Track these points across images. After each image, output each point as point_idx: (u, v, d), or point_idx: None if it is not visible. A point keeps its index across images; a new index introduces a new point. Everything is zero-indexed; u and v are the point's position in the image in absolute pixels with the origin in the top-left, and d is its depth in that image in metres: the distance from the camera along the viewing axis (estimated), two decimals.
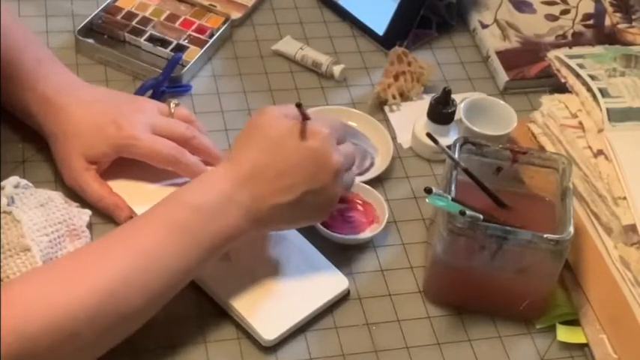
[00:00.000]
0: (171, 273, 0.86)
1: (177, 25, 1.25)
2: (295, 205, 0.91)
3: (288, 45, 1.25)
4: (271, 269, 0.98)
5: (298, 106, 0.91)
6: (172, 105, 1.07)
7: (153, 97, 1.14)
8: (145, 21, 1.25)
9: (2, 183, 0.96)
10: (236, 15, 1.29)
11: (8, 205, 0.94)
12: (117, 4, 1.26)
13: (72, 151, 1.01)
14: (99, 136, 1.01)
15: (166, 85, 1.16)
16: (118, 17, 1.25)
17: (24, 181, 0.98)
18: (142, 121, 1.02)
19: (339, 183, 0.94)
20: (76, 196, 1.02)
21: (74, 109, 1.01)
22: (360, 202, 1.07)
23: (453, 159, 0.98)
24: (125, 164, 1.03)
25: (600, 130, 1.03)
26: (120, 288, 0.82)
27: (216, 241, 0.88)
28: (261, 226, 0.91)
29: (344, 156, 0.94)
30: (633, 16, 1.33)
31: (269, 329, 0.93)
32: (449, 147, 0.99)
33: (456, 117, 1.12)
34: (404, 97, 1.20)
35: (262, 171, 0.90)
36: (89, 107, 1.02)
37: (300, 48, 1.24)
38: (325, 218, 0.97)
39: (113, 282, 0.82)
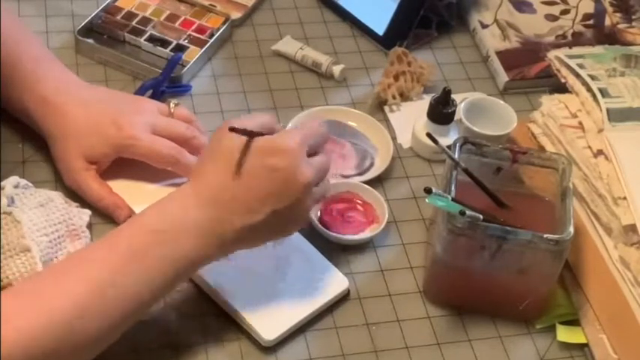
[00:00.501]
0: (132, 299, 0.83)
1: (177, 25, 1.25)
2: (263, 225, 0.87)
3: (288, 45, 1.25)
4: (271, 269, 0.98)
5: (232, 130, 0.86)
6: (172, 105, 1.07)
7: (152, 97, 1.14)
8: (145, 21, 1.25)
9: (2, 183, 0.96)
10: (236, 15, 1.29)
11: (8, 205, 0.94)
12: (117, 4, 1.26)
13: (71, 151, 1.01)
14: (99, 136, 1.01)
15: (166, 85, 1.16)
16: (118, 17, 1.25)
17: (24, 181, 0.98)
18: (142, 121, 1.02)
19: (310, 197, 0.89)
20: (76, 196, 1.02)
21: (73, 109, 1.01)
22: (360, 202, 1.07)
23: (453, 159, 0.98)
24: (125, 164, 1.03)
25: (600, 130, 1.03)
26: (78, 315, 0.79)
27: (179, 266, 0.85)
28: (228, 248, 0.88)
29: (315, 169, 0.89)
30: (633, 16, 1.33)
31: (269, 329, 0.93)
32: (449, 147, 0.99)
33: (456, 117, 1.12)
34: (404, 97, 1.20)
35: (227, 192, 0.86)
36: (89, 107, 1.02)
37: (300, 48, 1.24)
38: (296, 230, 0.93)
39: (71, 309, 0.79)
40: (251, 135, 0.87)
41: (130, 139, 1.00)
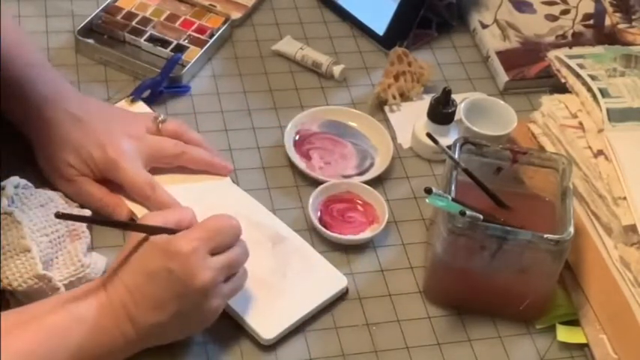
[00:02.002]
0: None
1: (177, 25, 1.25)
2: (169, 324, 0.87)
3: (288, 45, 1.25)
4: (270, 269, 0.98)
5: (58, 215, 0.84)
6: (159, 121, 1.06)
7: (151, 97, 1.14)
8: (145, 21, 1.25)
9: (2, 183, 0.96)
10: (236, 15, 1.29)
11: (9, 205, 0.94)
12: (117, 4, 1.26)
13: (60, 161, 1.00)
14: (82, 155, 1.00)
15: (165, 86, 1.16)
16: (118, 17, 1.25)
17: (24, 182, 0.98)
18: (128, 147, 1.01)
19: (213, 298, 0.87)
20: None
21: (60, 124, 1.00)
22: (360, 202, 1.07)
23: (453, 159, 0.98)
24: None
25: (600, 130, 1.03)
26: None
27: (88, 355, 0.84)
28: (135, 345, 0.87)
29: (215, 270, 0.86)
30: (633, 16, 1.33)
31: (268, 328, 0.93)
32: (449, 147, 0.99)
33: (456, 117, 1.12)
34: (404, 97, 1.20)
35: (136, 292, 0.85)
36: (76, 124, 1.01)
37: (300, 48, 1.24)
38: (210, 324, 0.90)
39: None
40: (147, 232, 0.86)
41: (111, 163, 1.00)
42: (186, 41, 1.23)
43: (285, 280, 0.98)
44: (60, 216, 0.84)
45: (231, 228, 0.90)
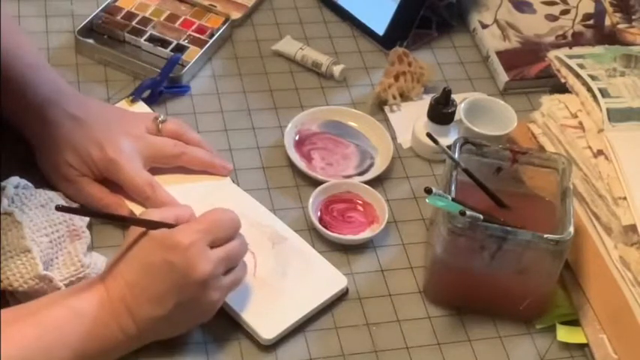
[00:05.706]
0: None
1: (177, 25, 1.25)
2: (169, 318, 0.87)
3: (288, 45, 1.25)
4: (270, 269, 0.98)
5: (59, 209, 0.84)
6: (159, 121, 1.06)
7: (150, 97, 1.14)
8: (145, 21, 1.25)
9: (2, 183, 0.96)
10: (236, 15, 1.29)
11: (9, 205, 0.94)
12: (117, 4, 1.26)
13: (60, 162, 1.00)
14: (82, 155, 1.00)
15: (165, 86, 1.16)
16: (118, 17, 1.25)
17: (24, 182, 0.98)
18: (127, 145, 1.01)
19: (213, 290, 0.88)
20: None
21: (60, 124, 1.00)
22: (360, 202, 1.07)
23: (453, 159, 0.98)
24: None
25: (600, 130, 1.03)
26: None
27: (88, 350, 0.85)
28: (138, 339, 0.87)
29: (214, 263, 0.87)
30: (633, 16, 1.33)
31: (268, 328, 0.93)
32: (449, 147, 0.99)
33: (456, 117, 1.12)
34: (404, 97, 1.20)
35: (135, 287, 0.86)
36: (76, 124, 1.01)
37: (300, 48, 1.24)
38: (209, 317, 0.91)
39: None
40: (147, 226, 0.87)
41: (111, 163, 1.00)
42: (186, 41, 1.23)
43: (285, 280, 0.98)
44: (60, 209, 0.84)
45: (230, 221, 0.91)
